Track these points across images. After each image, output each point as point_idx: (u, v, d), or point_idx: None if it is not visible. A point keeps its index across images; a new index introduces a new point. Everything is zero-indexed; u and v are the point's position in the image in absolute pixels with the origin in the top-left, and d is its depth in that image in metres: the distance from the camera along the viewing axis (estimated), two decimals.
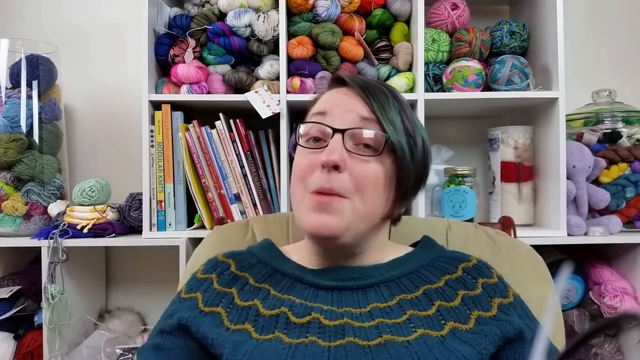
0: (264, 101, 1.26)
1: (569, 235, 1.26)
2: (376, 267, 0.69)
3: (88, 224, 1.30)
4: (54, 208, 1.36)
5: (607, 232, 1.27)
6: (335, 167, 0.63)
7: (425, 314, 0.62)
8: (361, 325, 0.60)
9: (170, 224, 1.29)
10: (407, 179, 0.67)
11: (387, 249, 0.73)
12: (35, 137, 1.39)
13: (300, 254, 0.74)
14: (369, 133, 0.65)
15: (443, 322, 0.61)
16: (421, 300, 0.64)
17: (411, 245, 0.79)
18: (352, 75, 0.72)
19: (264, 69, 1.32)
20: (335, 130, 0.64)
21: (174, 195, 1.29)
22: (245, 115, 1.32)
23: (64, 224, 1.30)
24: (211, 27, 1.29)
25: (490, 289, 0.66)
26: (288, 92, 1.29)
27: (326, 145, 0.64)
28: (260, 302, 0.64)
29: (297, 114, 1.38)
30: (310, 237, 0.68)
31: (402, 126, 0.67)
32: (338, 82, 0.72)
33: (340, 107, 0.67)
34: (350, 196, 0.63)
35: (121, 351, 1.28)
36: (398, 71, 1.34)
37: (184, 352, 0.63)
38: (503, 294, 0.66)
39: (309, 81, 1.29)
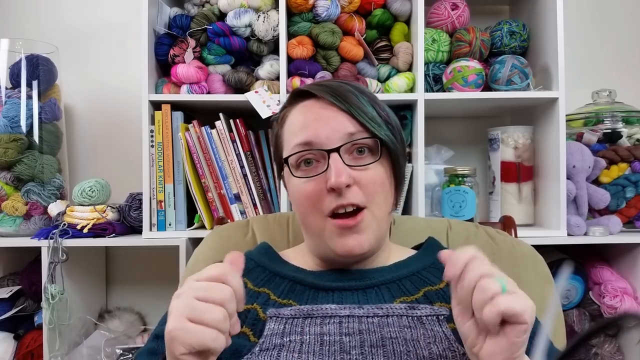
0: (264, 101, 1.26)
1: (569, 235, 1.26)
2: (377, 270, 0.69)
3: (88, 224, 1.29)
4: (54, 208, 1.36)
5: (607, 232, 1.27)
6: (346, 186, 0.63)
7: None
8: None
9: (170, 224, 1.29)
10: (402, 165, 0.70)
11: (390, 252, 0.73)
12: (35, 137, 1.39)
13: (300, 257, 0.74)
14: (362, 142, 0.66)
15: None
16: (421, 302, 0.64)
17: (416, 247, 0.79)
18: (314, 85, 0.70)
19: (264, 69, 1.31)
20: (330, 151, 0.64)
21: (174, 195, 1.29)
22: (245, 115, 1.31)
23: (64, 224, 1.30)
24: (211, 27, 1.29)
25: None
26: (288, 92, 1.29)
27: (326, 169, 0.64)
28: (260, 307, 0.64)
29: None
30: (340, 258, 0.67)
31: (381, 119, 0.67)
32: (302, 95, 0.70)
33: (325, 129, 0.65)
34: (367, 204, 0.64)
35: (121, 351, 1.28)
36: (398, 71, 1.34)
37: None
38: None
39: (309, 81, 1.29)
